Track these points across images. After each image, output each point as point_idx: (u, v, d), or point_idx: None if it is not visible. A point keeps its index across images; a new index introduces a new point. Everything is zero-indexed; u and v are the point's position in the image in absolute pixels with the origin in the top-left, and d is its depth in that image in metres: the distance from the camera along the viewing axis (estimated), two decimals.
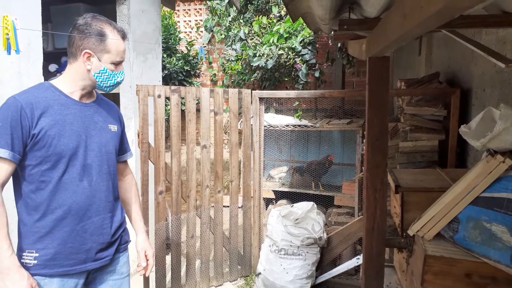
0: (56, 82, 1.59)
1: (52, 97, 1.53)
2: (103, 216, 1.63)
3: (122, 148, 1.83)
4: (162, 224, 3.07)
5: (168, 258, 3.18)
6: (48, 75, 3.56)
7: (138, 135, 2.92)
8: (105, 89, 1.63)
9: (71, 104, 1.57)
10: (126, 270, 1.76)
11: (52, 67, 3.73)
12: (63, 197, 1.53)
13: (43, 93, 1.53)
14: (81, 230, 1.56)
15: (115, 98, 3.70)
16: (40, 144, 1.48)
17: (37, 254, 1.50)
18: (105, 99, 1.77)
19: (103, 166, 1.63)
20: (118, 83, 1.65)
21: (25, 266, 1.48)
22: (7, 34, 2.05)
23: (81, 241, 1.56)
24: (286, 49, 5.11)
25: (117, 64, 1.61)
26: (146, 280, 2.92)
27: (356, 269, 3.42)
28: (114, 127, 1.71)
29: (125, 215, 1.82)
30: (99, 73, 1.57)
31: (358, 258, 3.17)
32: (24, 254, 1.51)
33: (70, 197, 1.54)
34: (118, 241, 1.71)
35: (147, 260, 1.82)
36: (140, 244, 1.83)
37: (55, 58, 3.76)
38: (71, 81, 1.59)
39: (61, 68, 3.73)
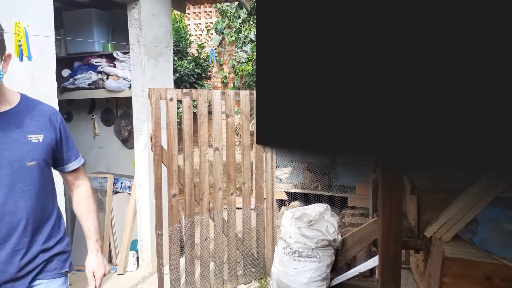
0: None
1: None
2: (15, 242, 1.41)
3: (62, 158, 1.60)
4: (176, 227, 3.08)
5: (182, 261, 3.19)
6: (61, 80, 3.61)
7: (151, 139, 2.94)
8: None
9: None
10: None
11: (65, 72, 3.77)
12: None
13: None
14: None
15: (128, 102, 3.73)
16: None
17: None
18: (36, 104, 1.53)
19: (15, 185, 1.40)
20: None
21: None
22: (19, 41, 2.06)
23: None
24: None
25: None
26: (161, 283, 2.92)
27: (372, 270, 3.38)
28: (37, 137, 1.46)
29: (65, 239, 1.62)
30: None
31: (374, 260, 3.13)
32: None
33: None
34: (36, 270, 1.48)
35: (96, 281, 1.63)
36: (88, 265, 1.64)
37: (68, 63, 3.80)
38: None
39: (74, 73, 3.76)
